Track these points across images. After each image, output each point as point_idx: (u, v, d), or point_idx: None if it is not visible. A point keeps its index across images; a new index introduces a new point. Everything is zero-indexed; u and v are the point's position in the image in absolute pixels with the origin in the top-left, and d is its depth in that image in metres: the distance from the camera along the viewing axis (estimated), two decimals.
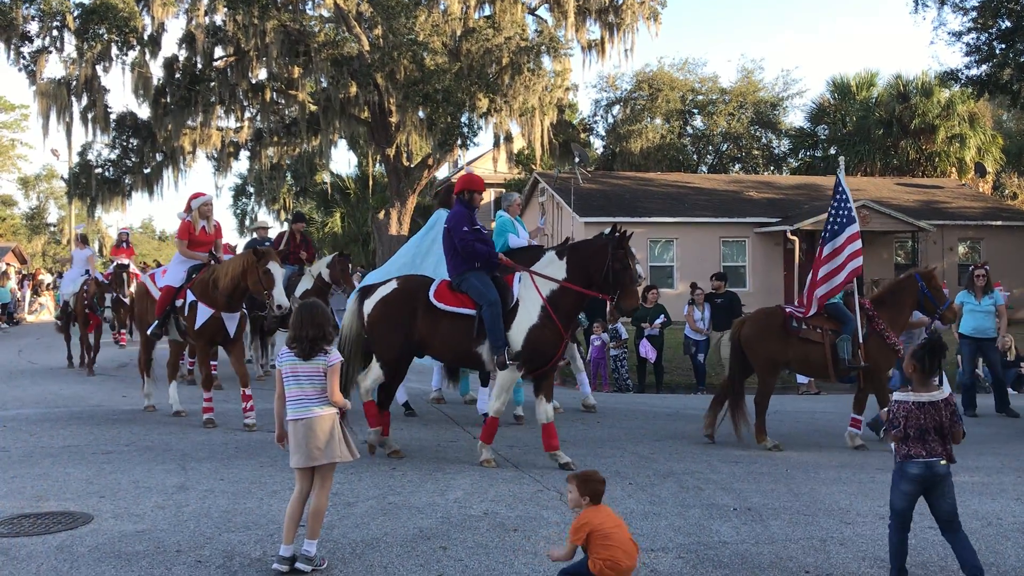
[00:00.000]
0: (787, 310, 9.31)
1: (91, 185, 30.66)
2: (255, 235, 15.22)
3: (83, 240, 17.03)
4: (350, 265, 13.69)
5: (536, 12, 31.46)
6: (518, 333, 7.69)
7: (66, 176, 36.15)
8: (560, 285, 7.78)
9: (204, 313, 9.56)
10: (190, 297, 9.72)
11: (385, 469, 7.53)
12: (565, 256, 7.94)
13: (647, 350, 15.02)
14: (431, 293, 7.95)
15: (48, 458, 7.88)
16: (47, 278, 34.94)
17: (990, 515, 6.37)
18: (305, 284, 13.13)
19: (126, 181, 31.39)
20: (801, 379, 15.18)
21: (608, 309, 13.78)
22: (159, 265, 17.61)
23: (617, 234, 7.79)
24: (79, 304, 14.98)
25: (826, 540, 5.74)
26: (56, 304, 17.76)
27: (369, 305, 8.08)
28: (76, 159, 32.88)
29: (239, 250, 13.28)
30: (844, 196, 9.24)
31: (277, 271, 9.26)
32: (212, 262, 10.12)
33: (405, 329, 7.92)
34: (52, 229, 66.15)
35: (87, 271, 15.58)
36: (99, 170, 31.00)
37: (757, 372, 9.22)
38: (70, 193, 33.65)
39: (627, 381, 15.06)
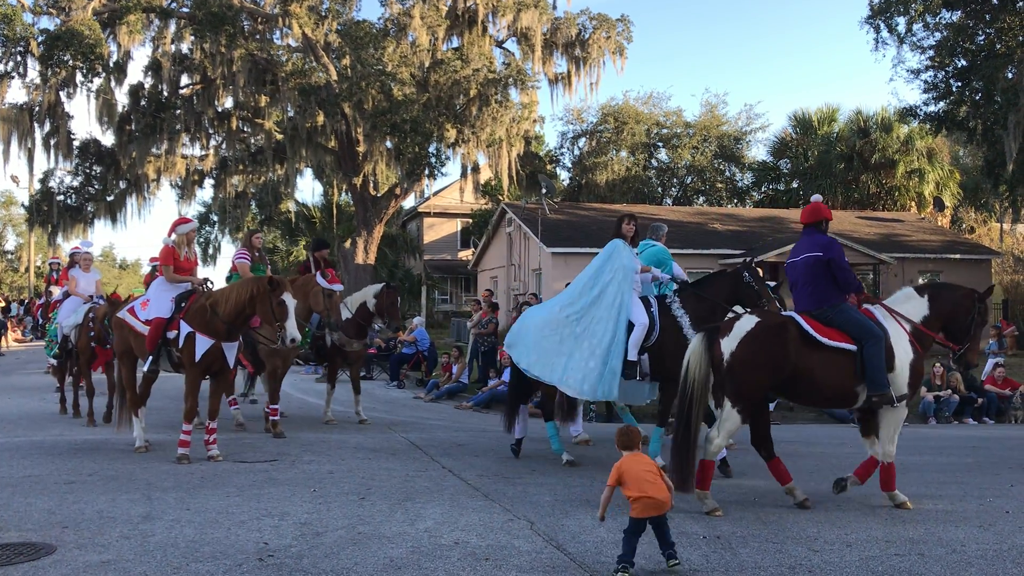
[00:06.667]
0: None
1: (52, 212, 30.35)
2: (252, 241, 12.88)
3: (87, 261, 13.38)
4: (398, 298, 12.67)
5: (504, 45, 31.85)
6: (903, 369, 7.53)
7: (26, 203, 35.71)
8: (924, 317, 7.78)
9: (203, 344, 9.15)
10: (184, 328, 9.24)
11: (354, 499, 7.47)
12: (926, 294, 7.91)
13: None
14: (806, 327, 7.50)
15: (8, 488, 7.72)
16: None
17: (955, 542, 6.45)
18: (345, 314, 11.85)
19: (88, 209, 31.12)
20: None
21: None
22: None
23: (980, 292, 7.88)
24: (83, 338, 12.33)
25: (795, 567, 5.77)
26: (50, 339, 14.09)
27: (732, 343, 7.43)
28: (37, 186, 32.55)
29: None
30: None
31: (291, 302, 8.97)
32: (204, 287, 9.82)
33: (778, 366, 7.41)
34: (9, 257, 65.13)
35: (91, 296, 12.77)
36: (61, 197, 30.71)
37: None
38: (31, 220, 33.23)
39: (592, 409, 15.05)
